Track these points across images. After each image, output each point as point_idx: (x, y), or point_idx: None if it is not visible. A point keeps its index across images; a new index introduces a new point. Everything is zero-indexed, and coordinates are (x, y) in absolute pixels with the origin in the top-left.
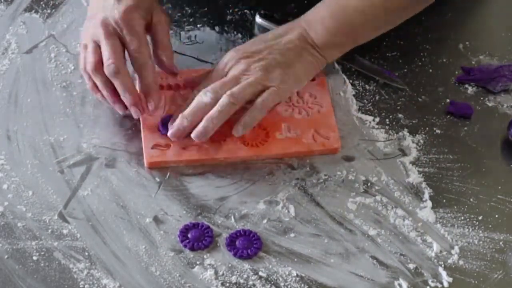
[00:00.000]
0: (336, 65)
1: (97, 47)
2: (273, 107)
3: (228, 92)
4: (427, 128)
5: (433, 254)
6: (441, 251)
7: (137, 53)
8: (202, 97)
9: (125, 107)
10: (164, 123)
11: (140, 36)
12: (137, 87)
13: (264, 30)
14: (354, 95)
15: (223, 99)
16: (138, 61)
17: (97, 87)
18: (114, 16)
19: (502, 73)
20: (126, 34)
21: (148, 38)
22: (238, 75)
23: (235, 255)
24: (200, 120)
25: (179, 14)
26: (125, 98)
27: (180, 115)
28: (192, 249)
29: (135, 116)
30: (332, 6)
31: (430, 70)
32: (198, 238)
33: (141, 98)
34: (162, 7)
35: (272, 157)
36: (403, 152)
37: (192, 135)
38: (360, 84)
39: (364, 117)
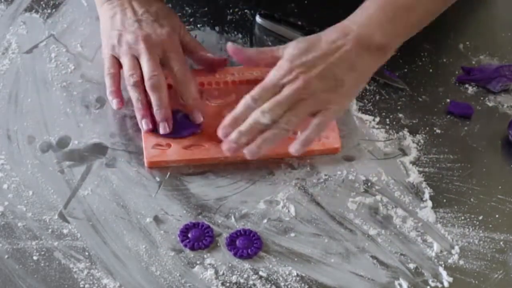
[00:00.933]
0: None
1: (135, 61)
2: None
3: (285, 119)
4: (427, 128)
5: (433, 254)
6: (441, 251)
7: (181, 73)
8: (260, 117)
9: (152, 123)
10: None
11: (181, 56)
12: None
13: (264, 29)
14: None
15: (281, 125)
16: (183, 80)
17: (118, 91)
18: (158, 33)
19: (502, 73)
20: (170, 53)
21: None
22: (295, 94)
23: (235, 254)
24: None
25: (179, 14)
26: (159, 112)
27: (236, 131)
28: (192, 248)
29: (161, 132)
30: (383, 3)
31: (431, 70)
32: (198, 237)
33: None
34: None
35: (272, 156)
36: (403, 152)
37: (247, 152)
38: None
39: (364, 117)
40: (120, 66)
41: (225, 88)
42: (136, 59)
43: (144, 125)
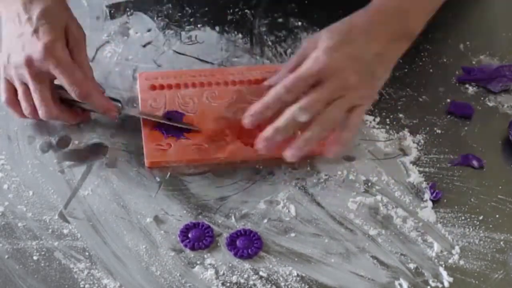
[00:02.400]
0: None
1: (27, 90)
2: None
3: (324, 120)
4: (427, 128)
5: (433, 254)
6: (441, 251)
7: (76, 86)
8: (299, 115)
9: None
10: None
11: (70, 66)
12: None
13: (265, 29)
14: None
15: (323, 124)
16: (82, 92)
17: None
18: (37, 53)
19: (502, 73)
20: (55, 70)
21: None
22: (332, 91)
23: (235, 254)
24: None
25: (179, 14)
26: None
27: (272, 128)
28: (192, 248)
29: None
30: None
31: (431, 70)
32: (198, 237)
33: None
34: (75, 19)
35: (273, 157)
36: (404, 152)
37: (289, 155)
38: None
39: (365, 117)
40: (14, 88)
41: (225, 89)
42: (27, 87)
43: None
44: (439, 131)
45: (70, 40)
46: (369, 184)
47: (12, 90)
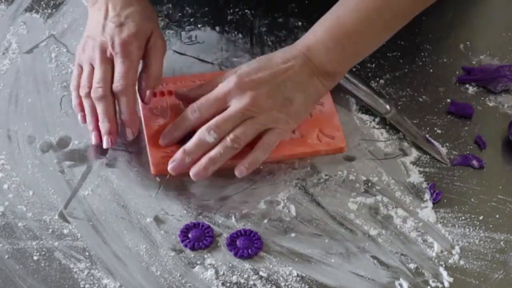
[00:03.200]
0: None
1: (93, 70)
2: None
3: (232, 136)
4: (428, 128)
5: (434, 254)
6: (442, 251)
7: (122, 77)
8: (206, 135)
9: (100, 138)
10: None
11: (131, 62)
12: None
13: (265, 29)
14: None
15: (227, 143)
16: (121, 85)
17: (82, 106)
18: (113, 41)
19: (503, 73)
20: (119, 59)
21: None
22: (241, 111)
23: (235, 255)
24: (200, 156)
25: (179, 14)
26: (102, 124)
27: (181, 150)
28: (192, 249)
29: (105, 146)
30: (333, 32)
31: (431, 70)
32: (198, 238)
33: (116, 131)
34: (161, 32)
35: (278, 159)
36: (404, 152)
37: (192, 174)
38: None
39: (365, 117)
40: None
41: None
42: (93, 68)
43: (93, 138)
44: (439, 131)
45: (149, 47)
46: (369, 184)
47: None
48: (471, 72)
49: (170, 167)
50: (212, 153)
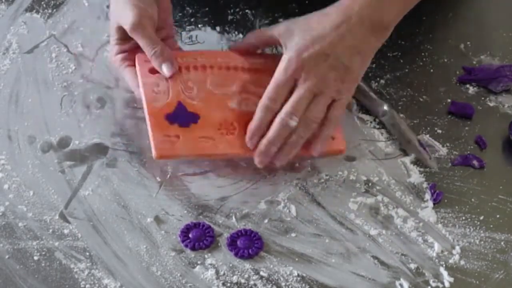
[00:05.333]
0: None
1: None
2: None
3: (311, 116)
4: (428, 128)
5: (434, 254)
6: (442, 251)
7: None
8: (288, 121)
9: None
10: (171, 118)
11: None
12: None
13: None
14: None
15: (308, 123)
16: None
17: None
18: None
19: (503, 73)
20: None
21: None
22: (310, 89)
23: (236, 255)
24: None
25: (180, 14)
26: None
27: (265, 142)
28: (193, 249)
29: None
30: None
31: (431, 70)
32: (199, 238)
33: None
34: None
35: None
36: (404, 152)
37: (277, 162)
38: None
39: (365, 117)
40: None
41: (227, 74)
42: None
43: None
44: (439, 131)
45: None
46: (370, 184)
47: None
48: (471, 72)
49: (258, 160)
50: (294, 138)
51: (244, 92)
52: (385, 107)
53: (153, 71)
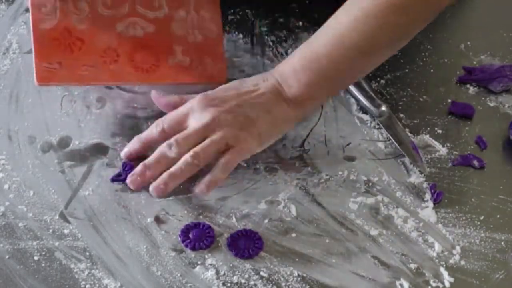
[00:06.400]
0: None
1: None
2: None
3: (192, 152)
4: (428, 128)
5: (434, 254)
6: (442, 251)
7: None
8: (166, 150)
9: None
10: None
11: None
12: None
13: (265, 29)
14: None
15: (187, 159)
16: None
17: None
18: None
19: (503, 73)
20: None
21: None
22: (203, 127)
23: (236, 255)
24: (161, 172)
25: None
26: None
27: (141, 164)
28: (193, 249)
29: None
30: (304, 56)
31: (432, 70)
32: (199, 238)
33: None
34: None
35: (160, 84)
36: None
37: (151, 190)
38: None
39: (365, 117)
40: None
41: None
42: None
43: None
44: (439, 131)
45: None
46: (370, 184)
47: None
48: (471, 72)
49: (129, 180)
50: (173, 169)
51: (132, 15)
52: (383, 108)
53: None
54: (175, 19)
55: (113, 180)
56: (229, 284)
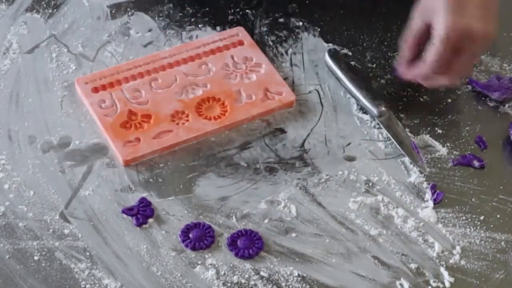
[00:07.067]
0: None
1: None
2: None
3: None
4: (428, 128)
5: (434, 254)
6: (442, 251)
7: None
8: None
9: None
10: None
11: None
12: None
13: (266, 29)
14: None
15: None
16: None
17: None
18: None
19: (506, 86)
20: None
21: None
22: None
23: (236, 255)
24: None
25: (180, 14)
26: None
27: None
28: (193, 249)
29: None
30: None
31: None
32: (199, 238)
33: None
34: None
35: (238, 124)
36: None
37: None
38: None
39: (365, 117)
40: None
41: (165, 73)
42: None
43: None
44: (440, 131)
45: None
46: (370, 184)
47: None
48: (475, 85)
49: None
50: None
51: (185, 83)
52: (383, 108)
53: (95, 90)
54: (226, 75)
55: (124, 212)
56: (229, 284)
